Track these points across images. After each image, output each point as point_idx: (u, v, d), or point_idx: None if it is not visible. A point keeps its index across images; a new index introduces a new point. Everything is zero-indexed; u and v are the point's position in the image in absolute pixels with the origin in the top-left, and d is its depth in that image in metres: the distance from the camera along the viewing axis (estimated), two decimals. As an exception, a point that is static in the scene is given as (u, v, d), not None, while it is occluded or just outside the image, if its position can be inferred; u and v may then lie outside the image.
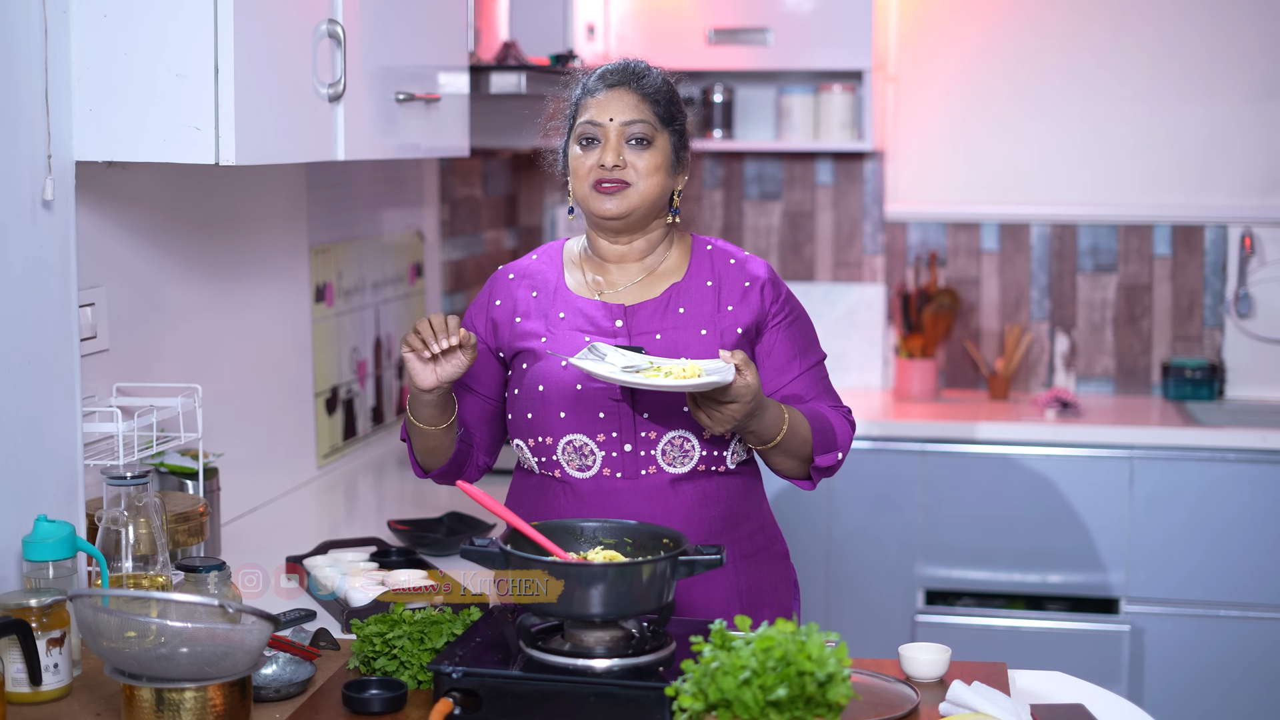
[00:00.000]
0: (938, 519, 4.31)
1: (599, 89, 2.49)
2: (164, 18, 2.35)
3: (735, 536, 2.50)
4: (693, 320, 2.49)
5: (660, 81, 2.51)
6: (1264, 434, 4.18)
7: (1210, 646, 4.20)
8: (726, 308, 2.50)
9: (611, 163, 2.44)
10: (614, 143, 2.45)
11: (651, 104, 2.48)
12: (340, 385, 3.74)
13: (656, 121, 2.48)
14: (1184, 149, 4.71)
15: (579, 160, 2.48)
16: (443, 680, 1.96)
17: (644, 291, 2.52)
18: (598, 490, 2.45)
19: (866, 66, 4.56)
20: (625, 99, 2.47)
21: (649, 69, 2.53)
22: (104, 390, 2.69)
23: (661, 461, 2.45)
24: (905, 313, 4.74)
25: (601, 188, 2.45)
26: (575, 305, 2.50)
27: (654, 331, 2.48)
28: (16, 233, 2.28)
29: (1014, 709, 2.01)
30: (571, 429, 2.45)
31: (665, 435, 2.44)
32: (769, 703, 1.79)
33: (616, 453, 2.44)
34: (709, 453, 2.46)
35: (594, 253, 2.55)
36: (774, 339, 2.52)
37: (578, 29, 4.25)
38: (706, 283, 2.52)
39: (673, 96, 2.52)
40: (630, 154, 2.45)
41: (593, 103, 2.48)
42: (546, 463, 2.48)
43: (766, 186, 4.91)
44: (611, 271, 2.54)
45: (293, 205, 3.48)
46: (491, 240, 4.78)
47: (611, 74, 2.50)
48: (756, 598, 2.53)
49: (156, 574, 2.30)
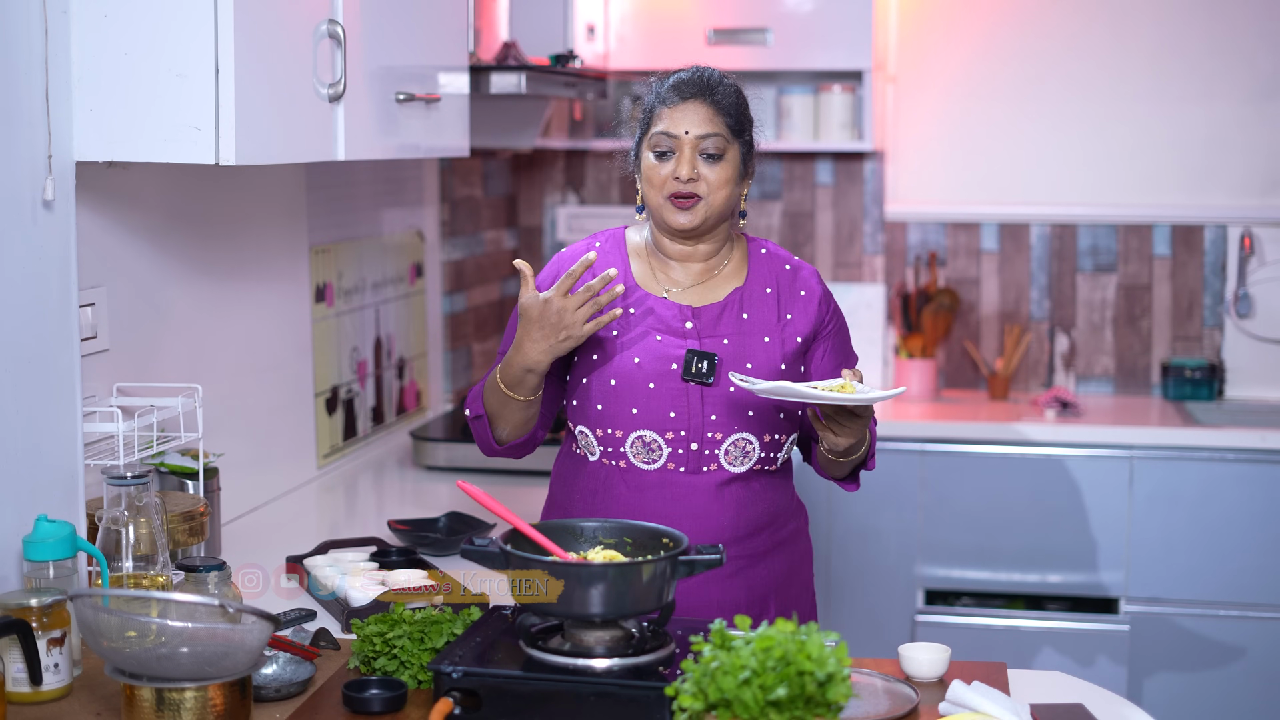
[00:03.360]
0: (937, 519, 4.31)
1: (673, 99, 2.57)
2: (164, 18, 2.35)
3: (778, 525, 2.64)
4: (757, 327, 2.61)
5: (733, 93, 2.60)
6: (1264, 434, 4.18)
7: (1210, 646, 4.20)
8: (786, 316, 2.62)
9: (686, 175, 2.53)
10: (688, 156, 2.54)
11: (724, 116, 2.56)
12: (340, 385, 3.74)
13: (728, 133, 2.56)
14: (1184, 149, 4.72)
15: (653, 169, 2.57)
16: (443, 680, 1.96)
17: (708, 294, 2.63)
18: (660, 483, 2.57)
19: (866, 67, 4.56)
20: (700, 112, 2.55)
21: (722, 79, 2.60)
22: (104, 390, 2.69)
23: (724, 460, 2.57)
24: (905, 313, 4.74)
25: (676, 202, 2.55)
26: (645, 303, 2.61)
27: (722, 336, 2.59)
28: (17, 233, 2.28)
29: (1014, 709, 2.01)
30: (642, 425, 2.56)
31: (730, 437, 2.57)
32: (769, 702, 1.79)
33: (682, 450, 2.56)
34: (766, 454, 2.60)
35: (658, 249, 2.65)
36: (824, 348, 2.66)
37: (578, 29, 4.25)
38: (766, 289, 2.64)
39: (743, 107, 2.61)
40: (703, 167, 2.55)
41: (667, 113, 2.56)
42: (612, 453, 2.59)
43: (766, 186, 4.92)
44: (674, 269, 2.64)
45: (293, 205, 3.48)
46: (491, 240, 4.78)
47: (686, 85, 2.58)
48: (790, 576, 2.67)
49: (157, 574, 2.30)
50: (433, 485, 3.62)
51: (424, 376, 4.28)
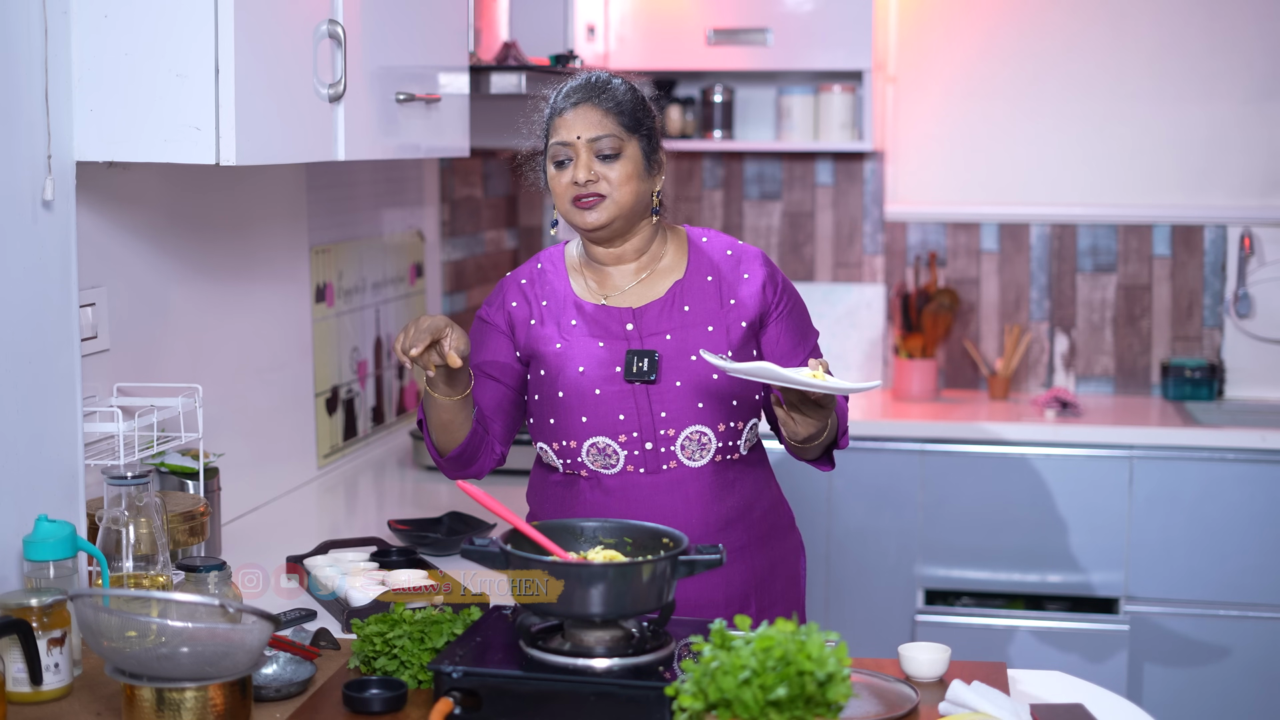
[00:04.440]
0: (937, 519, 4.31)
1: (565, 108, 2.58)
2: (164, 18, 2.35)
3: (753, 518, 2.63)
4: (699, 318, 2.59)
5: (623, 91, 2.59)
6: (1263, 434, 4.18)
7: (1210, 646, 4.20)
8: (729, 302, 2.60)
9: (584, 179, 2.54)
10: (584, 159, 2.54)
11: (616, 116, 2.56)
12: (340, 385, 3.74)
13: (623, 132, 2.56)
14: (1183, 149, 4.72)
15: (555, 180, 2.58)
16: (443, 680, 1.96)
17: (647, 291, 2.62)
18: (623, 485, 2.56)
19: (866, 67, 4.56)
20: (589, 115, 2.55)
21: (610, 80, 2.61)
22: (104, 390, 2.69)
23: (681, 456, 2.56)
24: (905, 313, 4.74)
25: (579, 203, 2.55)
26: (586, 311, 2.60)
27: (664, 332, 2.58)
28: (17, 233, 2.28)
29: (1014, 709, 2.01)
30: (594, 432, 2.56)
31: (683, 432, 2.56)
32: (769, 702, 1.79)
33: (638, 451, 2.55)
34: (724, 444, 2.58)
35: (591, 258, 2.65)
36: (778, 330, 2.63)
37: (578, 29, 4.25)
38: (707, 278, 2.62)
39: (637, 103, 2.60)
40: (601, 167, 2.54)
41: (560, 123, 2.57)
42: (572, 464, 2.59)
43: (766, 187, 4.92)
44: (612, 274, 2.64)
45: (293, 205, 3.48)
46: (491, 240, 4.78)
47: (574, 92, 2.59)
48: (771, 569, 2.66)
49: (157, 574, 2.31)
50: (433, 485, 3.62)
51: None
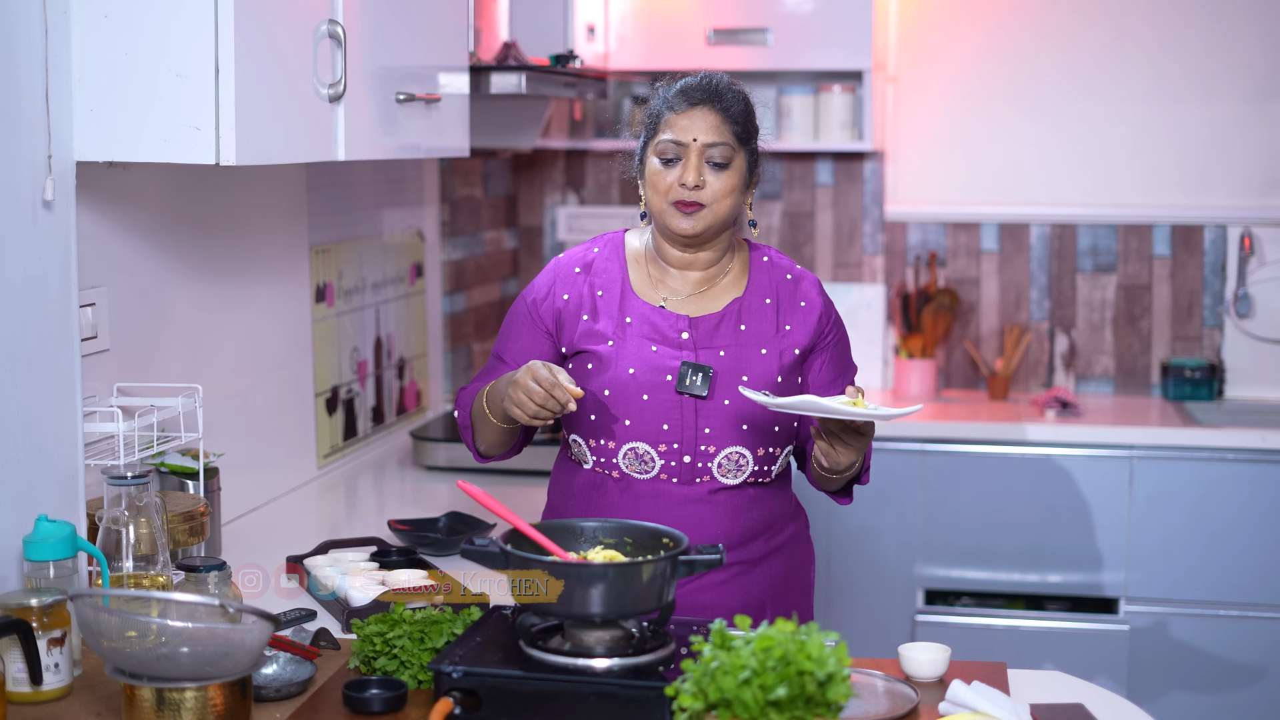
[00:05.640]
0: (937, 519, 4.31)
1: (681, 105, 2.53)
2: (164, 18, 2.35)
3: (773, 531, 2.62)
4: (754, 338, 2.57)
5: (740, 100, 2.56)
6: (1263, 434, 4.18)
7: (1210, 646, 4.20)
8: (785, 327, 2.59)
9: (693, 182, 2.50)
10: (695, 163, 2.51)
11: (732, 124, 2.53)
12: (340, 385, 3.74)
13: (735, 142, 2.53)
14: (1183, 149, 4.72)
15: (659, 175, 2.53)
16: (443, 680, 1.96)
17: (706, 303, 2.60)
18: (654, 492, 2.55)
19: (866, 67, 4.56)
20: (707, 119, 2.52)
21: (730, 86, 2.57)
22: (104, 390, 2.69)
23: (717, 473, 2.55)
24: (905, 313, 4.74)
25: (680, 207, 2.52)
26: (642, 312, 2.57)
27: (719, 347, 2.56)
28: (17, 233, 2.28)
29: (1014, 709, 2.01)
30: (634, 437, 2.54)
31: (723, 450, 2.54)
32: (769, 702, 1.79)
33: (675, 462, 2.54)
34: (760, 468, 2.57)
35: (658, 255, 2.62)
36: (822, 359, 2.63)
37: (578, 29, 4.25)
38: (766, 300, 2.60)
39: (750, 115, 2.57)
40: (708, 174, 2.52)
41: (675, 120, 2.53)
42: (605, 463, 2.57)
43: (766, 186, 4.91)
44: (673, 277, 2.61)
45: (293, 205, 3.48)
46: (491, 240, 4.78)
47: (694, 91, 2.54)
48: (787, 579, 2.66)
49: (157, 574, 2.31)
50: (433, 485, 3.62)
51: (424, 376, 4.28)
